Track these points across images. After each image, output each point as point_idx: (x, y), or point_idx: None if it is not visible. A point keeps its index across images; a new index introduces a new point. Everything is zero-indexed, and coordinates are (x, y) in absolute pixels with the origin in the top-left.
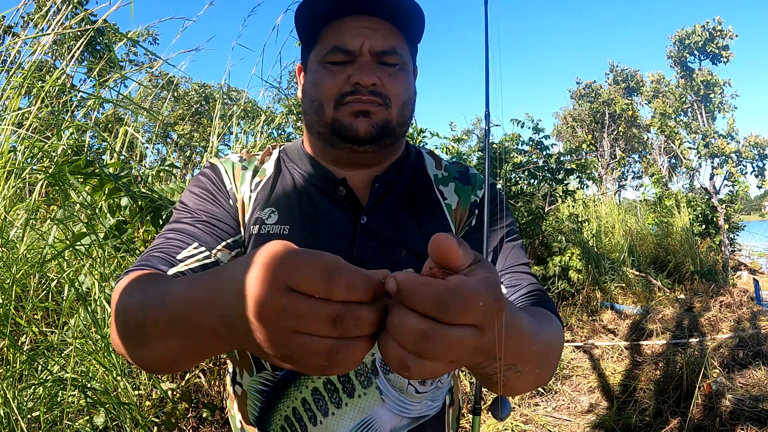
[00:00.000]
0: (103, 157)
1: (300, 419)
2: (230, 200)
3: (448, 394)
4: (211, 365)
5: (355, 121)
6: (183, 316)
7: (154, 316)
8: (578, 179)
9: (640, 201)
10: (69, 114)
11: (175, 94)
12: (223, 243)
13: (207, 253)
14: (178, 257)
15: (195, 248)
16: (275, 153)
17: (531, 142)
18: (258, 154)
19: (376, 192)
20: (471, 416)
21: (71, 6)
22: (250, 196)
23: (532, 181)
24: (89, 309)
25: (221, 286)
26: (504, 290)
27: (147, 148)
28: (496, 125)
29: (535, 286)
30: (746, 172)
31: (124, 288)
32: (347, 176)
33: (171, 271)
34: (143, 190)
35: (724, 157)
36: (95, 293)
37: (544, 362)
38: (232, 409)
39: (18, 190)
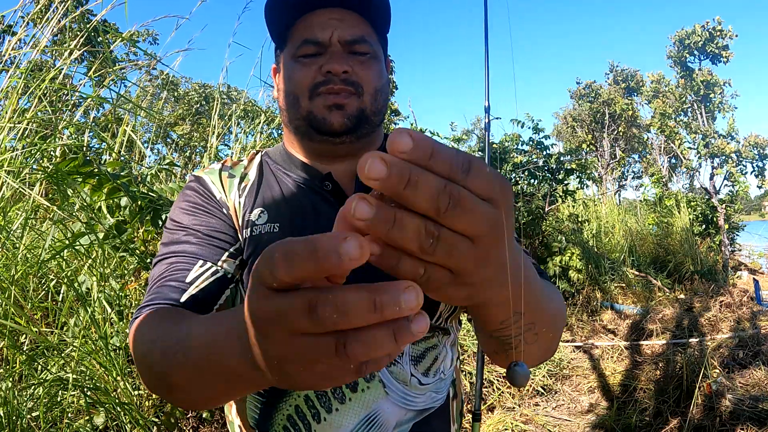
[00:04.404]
0: (104, 157)
1: (303, 417)
2: (223, 209)
3: (452, 387)
4: None
5: (330, 115)
6: (206, 359)
7: (181, 365)
8: (578, 179)
9: (640, 201)
10: (68, 113)
11: (175, 94)
12: (226, 253)
13: (214, 268)
14: (188, 280)
15: (201, 266)
16: (257, 158)
17: (531, 142)
18: (242, 160)
19: (361, 184)
20: (472, 421)
21: (69, 5)
22: (239, 202)
23: (532, 181)
24: (89, 309)
25: (238, 320)
26: None
27: (147, 147)
28: (497, 118)
29: (530, 260)
30: (746, 172)
31: (142, 330)
32: (332, 170)
33: (184, 297)
34: (143, 190)
35: (724, 157)
36: (95, 293)
37: (557, 326)
38: (230, 414)
39: (17, 190)
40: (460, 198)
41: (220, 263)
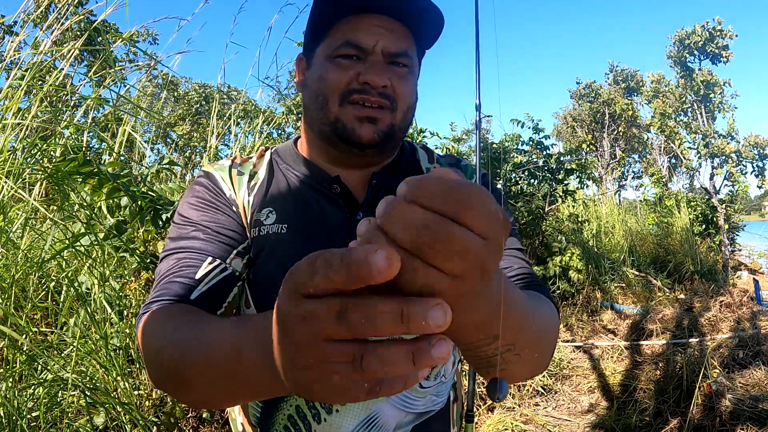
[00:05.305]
0: (104, 157)
1: (304, 417)
2: (232, 207)
3: (452, 390)
4: None
5: (360, 127)
6: (229, 363)
7: (195, 362)
8: (578, 179)
9: (640, 201)
10: (69, 113)
11: (175, 94)
12: (234, 251)
13: (223, 265)
14: (197, 277)
15: (209, 263)
16: (267, 155)
17: (531, 142)
18: (252, 157)
19: (374, 188)
20: (465, 422)
21: (71, 7)
22: (248, 200)
23: (532, 181)
24: (89, 309)
25: (263, 328)
26: None
27: (147, 148)
28: (488, 116)
29: (528, 270)
30: (746, 172)
31: (154, 326)
32: (344, 174)
33: (194, 294)
34: (143, 189)
35: (724, 157)
36: (95, 293)
37: (542, 345)
38: (233, 412)
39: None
40: (447, 236)
41: (228, 261)
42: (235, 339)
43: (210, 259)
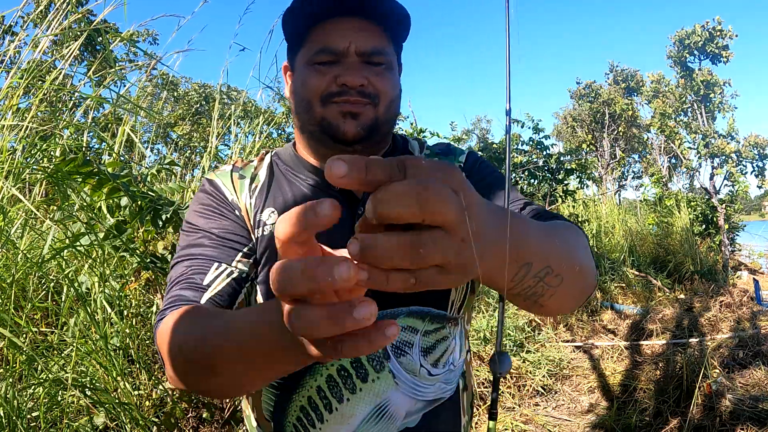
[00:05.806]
0: (104, 157)
1: (316, 408)
2: (235, 211)
3: (462, 378)
4: None
5: (344, 123)
6: (249, 340)
7: (220, 346)
8: (578, 179)
9: (640, 201)
10: (68, 112)
11: (175, 94)
12: (240, 253)
13: (229, 269)
14: (205, 283)
15: (216, 268)
16: (267, 158)
17: (531, 142)
18: (253, 161)
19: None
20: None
21: (70, 5)
22: (250, 202)
23: (532, 181)
24: (89, 309)
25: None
26: None
27: (147, 148)
28: (517, 121)
29: (539, 208)
30: (746, 172)
31: (174, 327)
32: None
33: (204, 299)
34: (143, 189)
35: (724, 157)
36: (95, 293)
37: (578, 258)
38: (246, 409)
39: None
40: (432, 189)
41: (234, 264)
42: (256, 320)
43: (216, 264)
